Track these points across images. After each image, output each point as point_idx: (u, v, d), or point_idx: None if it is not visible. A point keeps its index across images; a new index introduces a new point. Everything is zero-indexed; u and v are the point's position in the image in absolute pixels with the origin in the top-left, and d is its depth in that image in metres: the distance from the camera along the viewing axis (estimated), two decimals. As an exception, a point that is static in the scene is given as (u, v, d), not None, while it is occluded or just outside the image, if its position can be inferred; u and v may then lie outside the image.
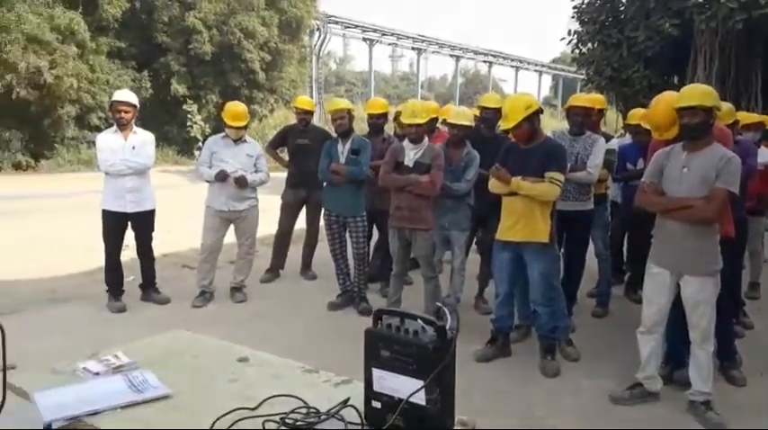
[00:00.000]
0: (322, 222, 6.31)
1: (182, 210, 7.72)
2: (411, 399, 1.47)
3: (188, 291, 5.48)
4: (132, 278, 5.54)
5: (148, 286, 5.37)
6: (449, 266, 5.31)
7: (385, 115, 5.59)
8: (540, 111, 3.87)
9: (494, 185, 3.96)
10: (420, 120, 4.31)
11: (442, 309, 1.53)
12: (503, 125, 3.93)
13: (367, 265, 5.28)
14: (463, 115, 4.67)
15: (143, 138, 5.08)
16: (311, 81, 24.29)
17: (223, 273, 5.77)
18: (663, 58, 8.78)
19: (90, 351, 2.12)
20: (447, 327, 1.50)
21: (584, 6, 9.68)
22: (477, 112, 5.23)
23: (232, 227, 5.46)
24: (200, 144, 17.33)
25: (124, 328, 4.64)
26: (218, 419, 1.57)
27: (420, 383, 1.47)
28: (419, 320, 1.51)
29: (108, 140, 4.98)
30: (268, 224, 6.04)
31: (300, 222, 6.30)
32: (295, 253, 6.38)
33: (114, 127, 5.05)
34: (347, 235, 5.22)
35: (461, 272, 4.74)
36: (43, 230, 8.19)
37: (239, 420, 1.58)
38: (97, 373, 1.86)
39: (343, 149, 5.06)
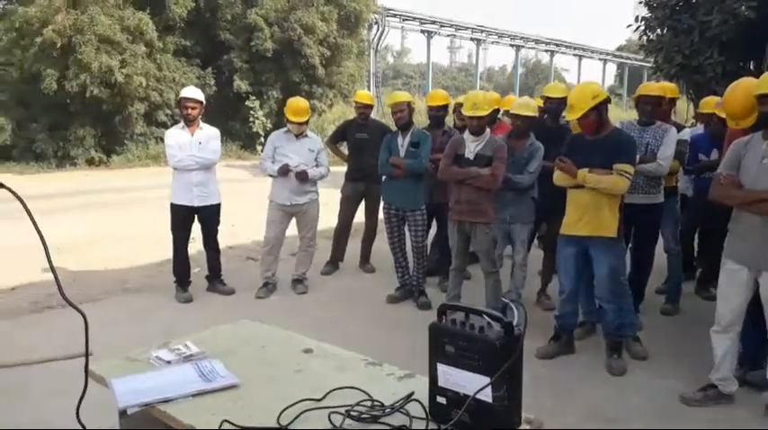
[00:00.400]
0: (381, 215, 6.38)
1: (245, 204, 7.93)
2: (477, 396, 1.46)
3: (251, 282, 5.62)
4: (198, 269, 5.73)
5: (214, 277, 5.53)
6: (509, 261, 5.25)
7: (445, 107, 5.53)
8: (607, 100, 3.73)
9: (559, 178, 3.85)
10: (482, 113, 4.24)
11: (509, 305, 1.51)
12: (569, 115, 3.82)
13: (426, 259, 5.25)
14: (527, 106, 4.57)
15: (209, 134, 5.23)
16: (369, 75, 24.37)
17: (285, 265, 5.89)
18: (738, 42, 8.30)
19: (160, 340, 2.20)
20: (514, 324, 1.47)
21: (653, -9, 9.26)
22: (541, 103, 5.11)
23: (294, 220, 5.55)
24: (262, 139, 17.71)
25: (191, 318, 4.80)
26: (284, 409, 1.60)
27: (486, 380, 1.45)
28: (485, 316, 1.48)
29: (176, 136, 5.15)
30: (328, 217, 6.12)
31: (360, 215, 6.35)
32: (354, 246, 6.44)
33: (182, 123, 5.22)
34: (406, 228, 5.21)
35: (523, 267, 4.65)
36: (114, 223, 8.57)
37: (305, 411, 1.61)
38: (169, 362, 1.94)
39: (402, 142, 5.05)
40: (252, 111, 17.92)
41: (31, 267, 5.59)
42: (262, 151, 18.05)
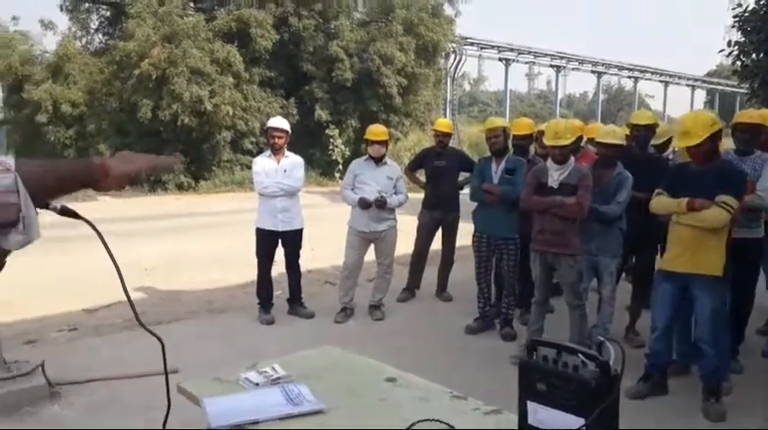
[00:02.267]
0: (458, 243, 6.33)
1: (324, 229, 8.09)
2: (571, 437, 1.40)
3: (330, 306, 5.70)
4: (280, 292, 5.87)
5: (295, 301, 5.65)
6: (594, 295, 5.06)
7: (530, 136, 5.44)
8: (721, 130, 3.57)
9: (656, 205, 3.71)
10: (564, 142, 4.14)
11: (604, 343, 1.44)
12: (681, 142, 3.62)
13: (515, 290, 5.13)
14: (613, 134, 4.43)
15: (294, 162, 5.40)
16: (445, 103, 24.49)
17: (361, 290, 5.93)
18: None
19: (243, 360, 2.26)
20: (611, 363, 1.41)
21: (746, 15, 8.83)
22: (628, 131, 4.94)
23: (372, 246, 5.60)
24: (341, 166, 18.12)
25: (273, 340, 4.91)
26: (369, 439, 1.60)
27: (580, 421, 1.39)
28: (579, 355, 1.43)
29: (263, 164, 5.36)
30: (404, 244, 6.13)
31: (436, 243, 6.33)
32: (430, 274, 6.41)
33: (268, 151, 5.43)
34: (496, 258, 5.10)
35: (611, 301, 4.45)
36: (201, 245, 8.96)
37: (389, 442, 1.59)
38: (257, 384, 1.98)
39: (497, 169, 4.99)
40: (331, 140, 18.39)
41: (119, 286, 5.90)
42: (340, 178, 18.47)
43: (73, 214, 1.09)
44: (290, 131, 5.45)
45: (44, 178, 0.99)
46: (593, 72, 34.28)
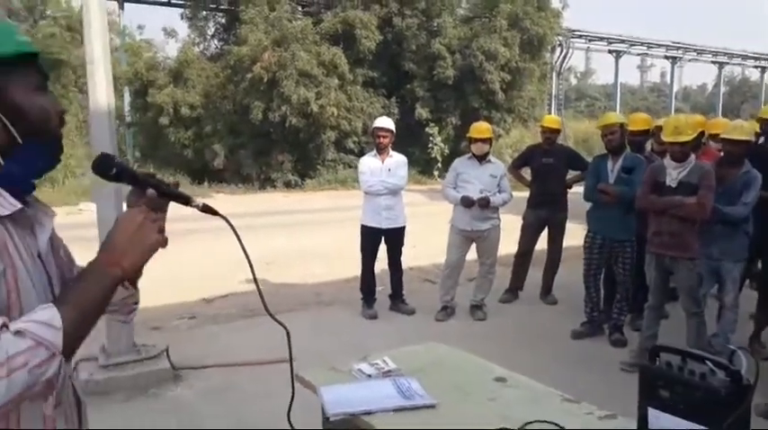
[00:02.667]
0: (566, 243, 6.13)
1: (423, 227, 8.14)
2: (696, 448, 1.34)
3: (430, 304, 5.73)
4: (382, 288, 5.98)
5: (396, 297, 5.74)
6: (714, 301, 4.73)
7: (647, 132, 5.16)
8: None
9: None
10: (685, 138, 3.90)
11: (736, 352, 1.37)
12: None
13: (629, 295, 4.91)
14: (741, 129, 4.11)
15: (398, 161, 5.49)
16: (550, 98, 23.77)
17: (462, 289, 5.91)
18: None
19: (349, 352, 2.34)
20: (743, 373, 1.33)
21: None
22: (757, 126, 4.57)
23: (474, 245, 5.56)
24: (440, 164, 18.09)
25: (376, 334, 5.02)
26: (482, 436, 1.61)
27: (708, 432, 1.32)
28: (708, 362, 1.36)
29: (368, 163, 5.49)
30: (507, 244, 6.04)
31: (541, 243, 6.18)
32: (533, 275, 6.27)
33: (374, 150, 5.55)
34: (610, 261, 4.91)
35: (734, 309, 4.14)
36: (309, 241, 9.31)
37: (502, 440, 1.60)
38: (369, 376, 2.05)
39: (613, 167, 4.79)
40: (431, 138, 18.40)
41: (239, 278, 6.28)
42: (439, 176, 18.43)
43: (213, 211, 1.19)
44: (394, 131, 5.54)
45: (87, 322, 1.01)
46: (713, 62, 31.88)
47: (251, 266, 1.22)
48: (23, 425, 1.02)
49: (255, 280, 1.25)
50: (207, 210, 1.17)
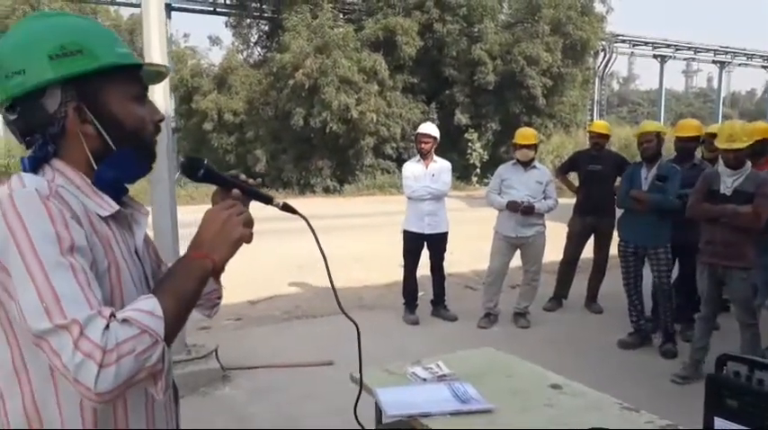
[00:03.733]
0: (612, 251, 6.03)
1: (462, 234, 8.11)
2: (767, 460, 1.32)
3: (471, 310, 5.71)
4: (423, 293, 5.99)
5: (438, 303, 5.74)
6: (765, 312, 4.58)
7: (697, 138, 5.06)
8: None
9: None
10: (740, 145, 3.81)
11: (809, 363, 1.34)
12: None
13: (673, 302, 4.81)
14: (800, 136, 4.00)
15: (441, 167, 5.50)
16: (592, 103, 23.39)
17: (505, 296, 5.87)
18: None
19: (392, 356, 2.36)
20: (816, 385, 1.31)
21: None
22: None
23: (518, 252, 5.52)
24: (478, 170, 18.01)
25: (419, 339, 5.03)
26: (541, 441, 1.62)
27: (779, 443, 1.30)
28: (780, 372, 1.34)
29: (412, 169, 5.52)
30: (552, 251, 5.97)
31: (587, 251, 6.09)
32: (578, 283, 6.18)
33: (417, 156, 5.58)
34: (646, 268, 4.84)
35: (790, 321, 4.03)
36: (349, 245, 9.37)
37: (561, 446, 1.60)
38: (425, 379, 2.07)
39: (647, 175, 4.73)
40: (470, 143, 18.34)
41: (281, 281, 6.38)
42: (477, 182, 18.31)
43: (292, 210, 1.25)
44: (437, 137, 5.56)
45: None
46: (763, 67, 30.87)
47: (327, 266, 1.26)
48: (130, 410, 1.10)
49: (330, 279, 1.29)
50: (287, 208, 1.23)
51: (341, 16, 17.93)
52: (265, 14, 19.25)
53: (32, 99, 1.07)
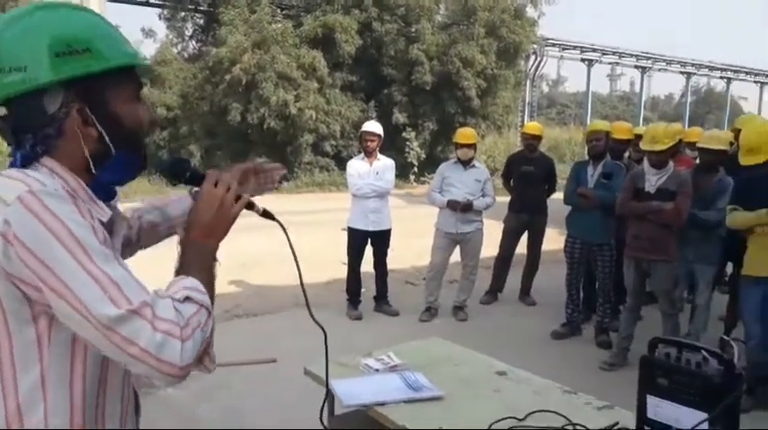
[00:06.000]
0: (547, 246, 6.31)
1: (401, 231, 8.23)
2: (692, 431, 1.46)
3: (412, 305, 5.84)
4: (365, 290, 6.06)
5: (381, 298, 5.84)
6: (686, 303, 4.93)
7: (628, 141, 5.37)
8: None
9: (736, 221, 3.65)
10: (661, 147, 4.09)
11: (729, 343, 1.50)
12: (747, 159, 3.59)
13: (611, 297, 5.08)
14: (717, 139, 4.33)
15: (385, 165, 5.60)
16: (524, 105, 24.15)
17: (444, 291, 6.01)
18: None
19: (337, 352, 2.40)
20: (735, 362, 1.46)
21: None
22: (731, 136, 4.79)
23: (458, 247, 5.69)
24: (416, 169, 18.24)
25: (363, 334, 5.10)
26: (492, 424, 1.72)
27: (703, 416, 1.45)
28: (703, 352, 1.49)
29: (357, 166, 5.58)
30: (488, 247, 6.17)
31: (520, 247, 6.34)
32: (512, 277, 6.42)
33: (362, 154, 5.64)
34: (592, 263, 5.05)
35: (706, 310, 4.36)
36: (286, 243, 9.30)
37: (511, 428, 1.71)
38: (377, 370, 2.14)
39: (593, 172, 4.97)
40: (408, 142, 18.55)
41: (221, 279, 6.24)
42: (415, 181, 18.49)
43: (271, 217, 1.29)
44: (382, 136, 5.64)
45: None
46: (681, 73, 32.78)
47: (298, 268, 1.30)
48: (108, 418, 1.12)
49: (301, 280, 1.33)
50: (266, 215, 1.28)
51: (279, 12, 17.72)
52: (201, 8, 18.78)
53: (31, 98, 1.01)
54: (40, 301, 0.97)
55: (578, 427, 1.69)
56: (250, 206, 1.23)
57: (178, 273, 1.09)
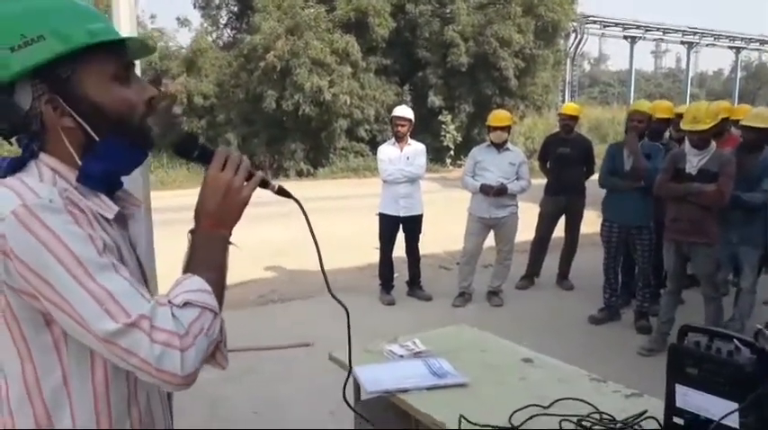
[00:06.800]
0: (586, 229, 6.18)
1: (436, 215, 8.19)
2: (724, 422, 1.40)
3: (445, 290, 5.81)
4: (398, 275, 6.06)
5: (414, 283, 5.83)
6: (731, 287, 4.76)
7: (668, 120, 5.18)
8: None
9: None
10: (703, 126, 3.92)
11: (762, 331, 1.43)
12: None
13: (651, 281, 4.95)
14: (761, 117, 4.14)
15: (416, 150, 5.55)
16: (564, 84, 23.62)
17: (478, 276, 5.96)
18: None
19: (370, 336, 2.40)
20: (768, 351, 1.39)
21: None
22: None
23: (492, 232, 5.61)
24: (452, 152, 18.07)
25: (396, 319, 5.11)
26: (515, 412, 1.69)
27: (733, 405, 1.39)
28: (735, 341, 1.43)
29: (387, 152, 5.55)
30: (524, 231, 6.08)
31: (558, 230, 6.22)
32: (550, 261, 6.32)
33: (392, 139, 5.61)
34: (631, 247, 4.93)
35: (751, 294, 4.20)
36: (323, 229, 9.31)
37: (534, 416, 1.67)
38: (401, 356, 2.13)
39: (629, 154, 4.81)
40: (443, 125, 18.37)
41: (255, 266, 6.36)
42: (451, 164, 18.36)
43: (287, 194, 1.23)
44: (413, 120, 5.60)
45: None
46: (730, 48, 31.47)
47: (318, 250, 1.25)
48: (143, 413, 1.13)
49: (321, 262, 1.28)
50: (282, 192, 1.22)
51: (312, -4, 17.69)
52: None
53: (3, 97, 0.98)
54: (45, 310, 0.97)
55: (604, 416, 1.65)
56: (264, 184, 1.15)
57: (186, 268, 1.07)
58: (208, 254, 1.07)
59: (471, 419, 1.66)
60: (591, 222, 6.66)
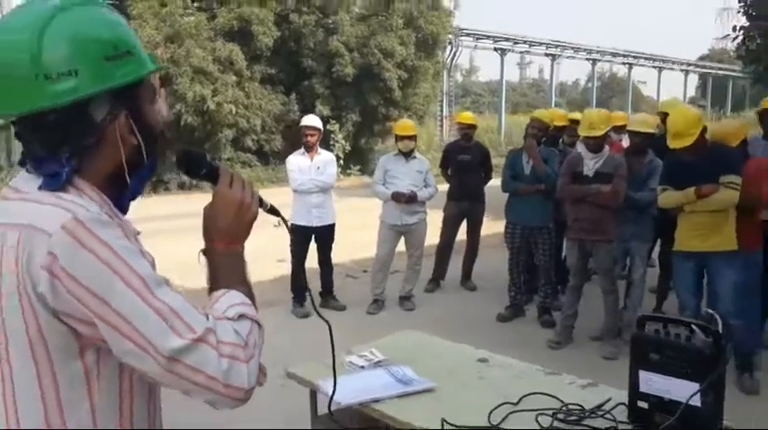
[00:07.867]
0: (484, 232, 6.48)
1: (338, 224, 8.18)
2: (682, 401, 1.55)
3: (358, 298, 5.84)
4: (310, 288, 5.96)
5: (327, 293, 5.79)
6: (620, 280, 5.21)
7: (564, 128, 5.59)
8: (705, 126, 3.81)
9: (665, 200, 3.90)
10: (599, 132, 4.30)
11: (714, 316, 1.59)
12: (675, 143, 3.76)
13: (552, 278, 5.27)
14: (645, 122, 4.59)
15: (326, 159, 5.53)
16: (442, 95, 24.59)
17: (387, 282, 6.04)
18: None
19: (292, 350, 2.37)
20: (721, 333, 1.56)
21: (753, 0, 8.99)
22: (658, 120, 5.10)
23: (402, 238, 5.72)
24: (342, 161, 18.19)
25: (316, 331, 5.01)
26: (492, 411, 1.74)
27: (696, 386, 1.54)
28: (694, 326, 1.58)
29: (297, 162, 5.48)
30: (429, 236, 6.25)
31: (461, 234, 6.47)
32: (452, 264, 6.55)
33: (302, 149, 5.55)
34: (533, 247, 5.20)
35: (641, 284, 4.62)
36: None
37: (510, 413, 1.74)
38: (362, 367, 2.12)
39: (528, 159, 5.09)
40: (332, 135, 18.43)
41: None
42: (341, 173, 18.42)
43: (276, 213, 1.23)
44: (321, 129, 5.58)
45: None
46: (587, 59, 34.45)
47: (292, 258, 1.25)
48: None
49: (307, 285, 1.29)
50: (272, 211, 1.21)
51: (191, 4, 17.05)
52: (108, 1, 17.72)
53: (77, 106, 0.91)
54: (90, 336, 0.90)
55: (572, 407, 1.75)
56: (260, 203, 1.17)
57: (212, 286, 1.04)
58: (232, 271, 1.06)
59: (448, 421, 1.69)
60: (489, 226, 7.00)
